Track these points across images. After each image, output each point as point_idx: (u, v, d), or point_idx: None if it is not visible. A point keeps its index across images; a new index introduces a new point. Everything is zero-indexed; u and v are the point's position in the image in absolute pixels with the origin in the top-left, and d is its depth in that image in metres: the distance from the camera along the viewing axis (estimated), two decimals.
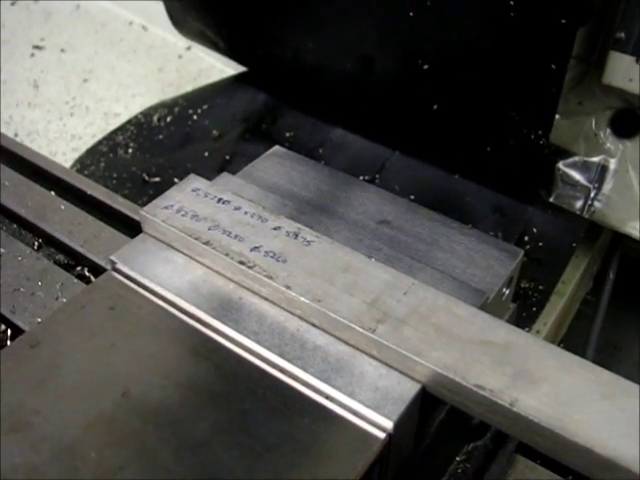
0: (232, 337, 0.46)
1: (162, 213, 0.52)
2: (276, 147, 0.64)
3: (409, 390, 0.43)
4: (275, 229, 0.51)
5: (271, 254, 0.49)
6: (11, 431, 0.41)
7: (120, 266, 0.51)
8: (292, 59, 1.03)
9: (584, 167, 0.86)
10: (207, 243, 0.49)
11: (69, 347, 0.47)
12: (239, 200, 0.53)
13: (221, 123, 1.19)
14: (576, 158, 0.86)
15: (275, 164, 0.62)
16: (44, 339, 0.47)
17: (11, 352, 0.47)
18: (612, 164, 0.84)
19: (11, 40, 1.85)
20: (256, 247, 0.49)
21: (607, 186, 0.84)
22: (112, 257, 0.52)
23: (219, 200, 0.53)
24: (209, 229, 0.51)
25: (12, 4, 1.96)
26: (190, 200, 0.53)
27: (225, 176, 0.58)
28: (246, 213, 0.52)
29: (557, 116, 0.83)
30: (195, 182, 0.55)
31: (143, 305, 0.49)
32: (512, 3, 0.76)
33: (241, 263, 0.48)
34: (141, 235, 0.54)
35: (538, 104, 0.82)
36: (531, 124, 0.84)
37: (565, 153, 0.86)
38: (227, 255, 0.49)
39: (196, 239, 0.50)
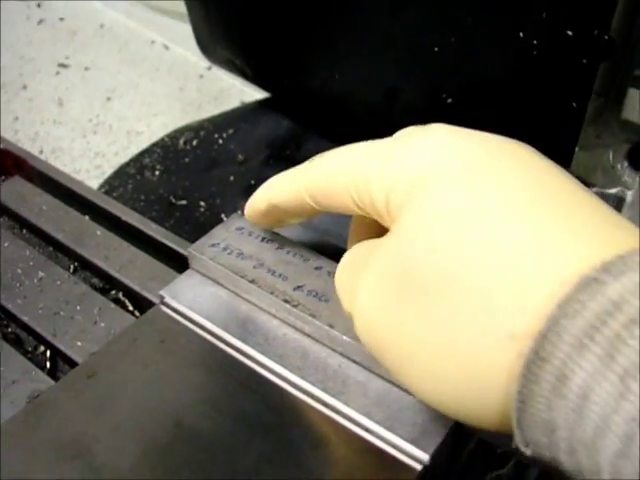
0: (277, 371, 0.49)
1: (209, 251, 0.55)
2: None
3: (445, 424, 0.46)
4: (317, 269, 0.53)
5: (314, 293, 0.51)
6: (74, 457, 0.45)
7: (169, 300, 0.54)
8: (318, 89, 1.06)
9: (601, 198, 0.87)
10: (253, 281, 0.52)
11: (123, 378, 0.50)
12: (281, 239, 0.56)
13: (246, 148, 1.21)
14: (594, 189, 0.88)
15: None
16: (99, 370, 0.50)
17: (69, 382, 0.50)
18: (629, 196, 0.86)
19: (37, 58, 1.89)
20: (299, 286, 0.52)
21: (624, 217, 0.87)
22: (161, 292, 0.55)
23: (263, 239, 0.56)
24: (254, 267, 0.54)
25: (39, 23, 2.00)
26: (235, 238, 0.56)
27: None
28: (288, 252, 0.55)
29: (576, 149, 0.85)
30: (239, 221, 0.58)
31: (192, 338, 0.52)
32: (535, 42, 0.79)
33: (285, 302, 0.51)
34: (189, 271, 0.57)
35: (559, 138, 0.84)
36: (552, 157, 0.86)
37: (583, 184, 0.88)
38: (272, 293, 0.52)
39: (242, 277, 0.53)
